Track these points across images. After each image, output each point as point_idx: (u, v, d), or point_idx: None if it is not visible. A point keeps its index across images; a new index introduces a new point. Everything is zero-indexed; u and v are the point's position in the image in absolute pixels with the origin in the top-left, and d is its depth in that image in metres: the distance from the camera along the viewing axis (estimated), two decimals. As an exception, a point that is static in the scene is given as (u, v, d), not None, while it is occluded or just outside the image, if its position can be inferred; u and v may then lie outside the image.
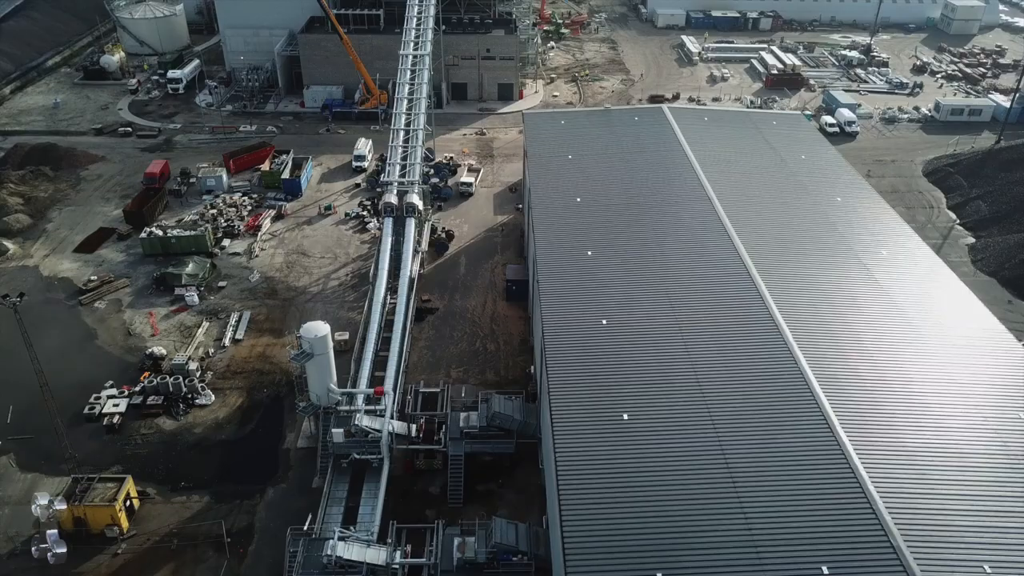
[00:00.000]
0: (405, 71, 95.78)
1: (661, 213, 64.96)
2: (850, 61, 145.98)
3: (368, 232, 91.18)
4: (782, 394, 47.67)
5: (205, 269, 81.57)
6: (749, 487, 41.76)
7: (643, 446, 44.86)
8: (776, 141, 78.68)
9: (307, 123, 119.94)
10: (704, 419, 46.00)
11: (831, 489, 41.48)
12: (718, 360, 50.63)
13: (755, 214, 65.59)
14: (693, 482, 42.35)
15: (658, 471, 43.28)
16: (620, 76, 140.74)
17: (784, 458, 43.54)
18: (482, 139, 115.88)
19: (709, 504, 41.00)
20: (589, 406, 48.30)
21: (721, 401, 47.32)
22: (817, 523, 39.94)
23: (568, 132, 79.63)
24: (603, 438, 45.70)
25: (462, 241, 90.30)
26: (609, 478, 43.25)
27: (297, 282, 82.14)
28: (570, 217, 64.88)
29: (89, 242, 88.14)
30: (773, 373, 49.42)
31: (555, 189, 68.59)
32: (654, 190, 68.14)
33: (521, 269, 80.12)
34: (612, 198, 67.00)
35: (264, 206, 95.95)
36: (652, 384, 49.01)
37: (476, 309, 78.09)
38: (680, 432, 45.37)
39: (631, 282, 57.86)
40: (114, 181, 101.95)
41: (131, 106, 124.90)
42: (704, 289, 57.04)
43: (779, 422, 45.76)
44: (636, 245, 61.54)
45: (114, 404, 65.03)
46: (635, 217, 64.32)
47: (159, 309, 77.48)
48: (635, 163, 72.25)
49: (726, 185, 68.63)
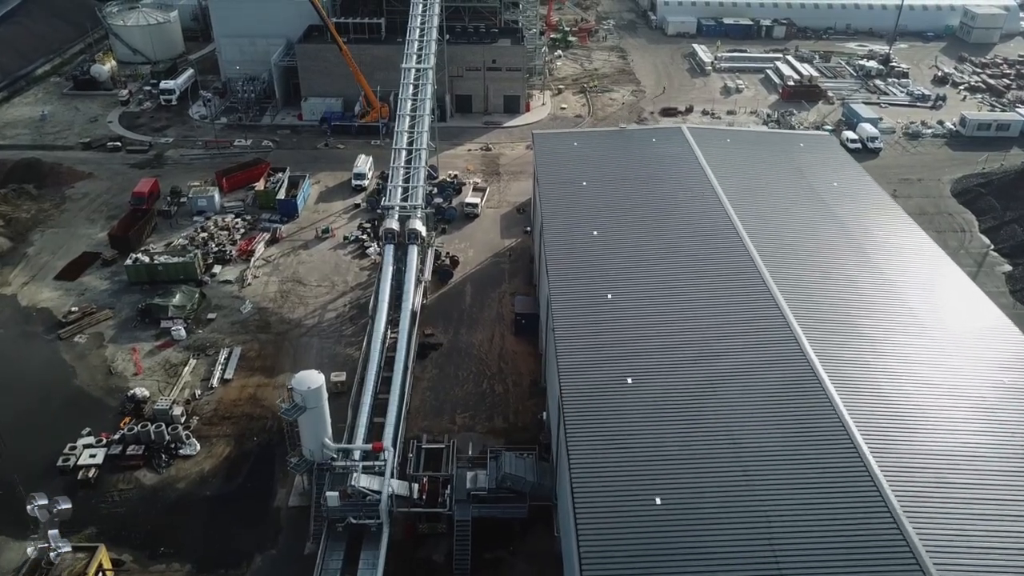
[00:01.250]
0: (407, 85, 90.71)
1: (685, 249, 59.76)
2: (868, 71, 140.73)
3: (368, 257, 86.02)
4: (830, 462, 42.70)
5: (193, 300, 76.44)
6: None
7: (681, 524, 39.75)
8: (806, 167, 73.48)
9: (305, 137, 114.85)
10: (751, 498, 40.90)
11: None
12: (755, 413, 45.74)
13: (789, 252, 60.32)
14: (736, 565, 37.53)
15: (696, 553, 38.23)
16: (630, 87, 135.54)
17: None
18: (487, 155, 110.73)
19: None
20: (614, 472, 43.16)
21: (764, 471, 42.26)
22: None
23: (581, 155, 74.48)
24: (632, 513, 40.51)
25: (467, 267, 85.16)
26: (639, 560, 38.19)
27: (292, 314, 76.98)
28: (587, 253, 59.68)
29: (72, 268, 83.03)
30: (817, 434, 44.47)
31: (569, 221, 63.42)
32: (677, 223, 62.95)
33: (530, 301, 74.94)
34: (632, 232, 61.79)
35: (258, 228, 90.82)
36: (687, 448, 43.91)
37: (483, 344, 72.93)
38: (722, 515, 40.14)
39: (656, 328, 52.69)
40: (101, 200, 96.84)
41: (122, 118, 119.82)
42: (738, 336, 51.89)
43: (828, 491, 41.07)
44: (660, 286, 56.36)
45: (90, 455, 59.88)
46: (657, 254, 59.13)
47: (143, 344, 72.35)
48: (655, 192, 67.04)
49: (755, 219, 63.40)
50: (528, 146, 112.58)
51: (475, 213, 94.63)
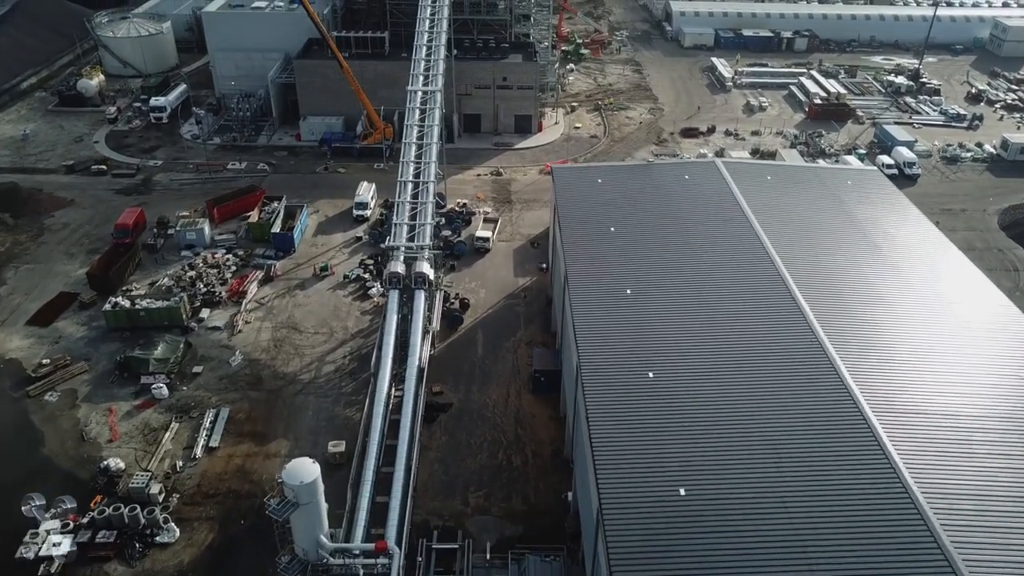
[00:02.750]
0: (414, 110, 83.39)
1: (731, 313, 52.53)
2: (898, 88, 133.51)
3: (370, 299, 78.86)
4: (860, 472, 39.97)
5: (177, 351, 69.25)
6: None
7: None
8: (857, 209, 66.19)
9: (303, 159, 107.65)
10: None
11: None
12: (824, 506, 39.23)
13: (851, 315, 53.16)
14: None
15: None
16: (647, 104, 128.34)
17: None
18: (498, 181, 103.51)
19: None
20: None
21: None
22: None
23: (606, 195, 67.23)
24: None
25: (479, 310, 77.97)
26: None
27: (286, 367, 69.77)
28: (621, 317, 52.45)
29: (46, 312, 75.84)
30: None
31: (599, 277, 56.15)
32: (719, 279, 55.62)
33: (549, 355, 67.69)
34: (669, 292, 54.56)
35: (251, 265, 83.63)
36: (751, 549, 37.15)
37: (497, 405, 65.70)
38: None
39: (704, 412, 45.51)
40: (82, 232, 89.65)
41: (108, 138, 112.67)
42: (797, 414, 44.96)
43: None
44: (703, 356, 49.17)
45: (54, 543, 52.61)
46: (699, 318, 51.89)
47: (121, 404, 65.14)
48: (692, 241, 59.70)
49: (809, 275, 56.17)
50: (542, 170, 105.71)
51: (486, 248, 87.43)
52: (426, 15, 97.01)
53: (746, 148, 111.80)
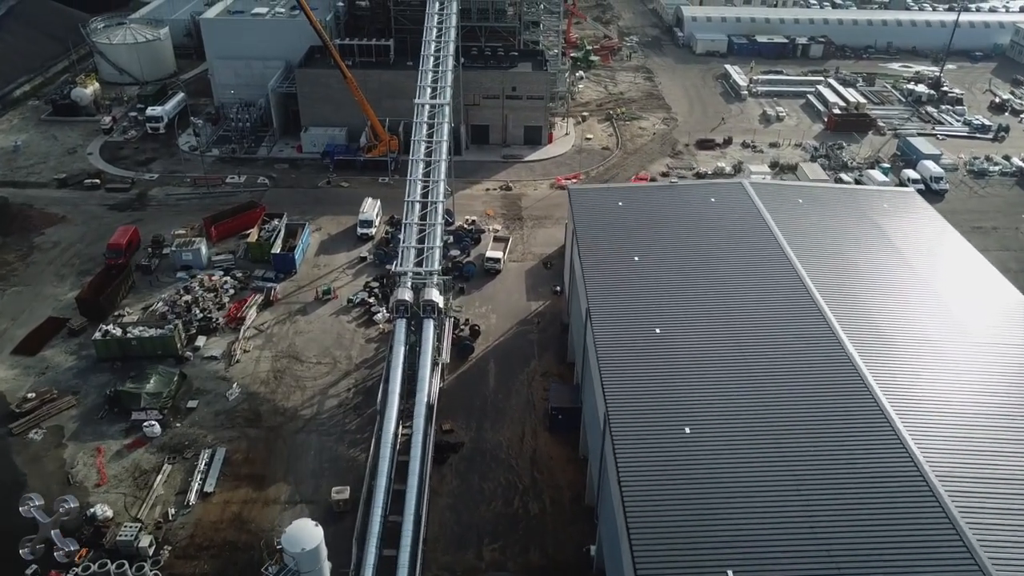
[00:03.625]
0: (421, 125, 79.14)
1: (771, 355, 48.43)
2: (918, 97, 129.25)
3: (375, 325, 74.75)
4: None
5: (171, 384, 65.12)
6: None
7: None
8: (896, 234, 62.07)
9: (304, 173, 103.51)
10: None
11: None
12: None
13: (894, 349, 49.18)
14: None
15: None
16: (660, 113, 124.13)
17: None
18: (508, 196, 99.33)
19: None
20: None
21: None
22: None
23: (628, 219, 63.06)
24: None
25: (490, 338, 73.84)
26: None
27: (286, 400, 65.66)
28: (650, 360, 48.35)
29: (33, 339, 71.73)
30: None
31: (624, 314, 51.99)
32: (757, 319, 51.36)
33: (567, 391, 63.55)
34: (702, 330, 50.44)
35: (250, 287, 79.54)
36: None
37: (512, 445, 61.56)
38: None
39: (747, 466, 41.49)
40: (73, 251, 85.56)
41: (103, 149, 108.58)
42: (848, 466, 41.03)
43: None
44: (743, 404, 45.07)
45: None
46: (738, 365, 47.72)
47: (110, 443, 61.05)
48: (723, 273, 55.46)
49: (848, 309, 52.12)
50: (553, 185, 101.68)
51: (497, 269, 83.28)
52: (433, 23, 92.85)
53: (764, 161, 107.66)
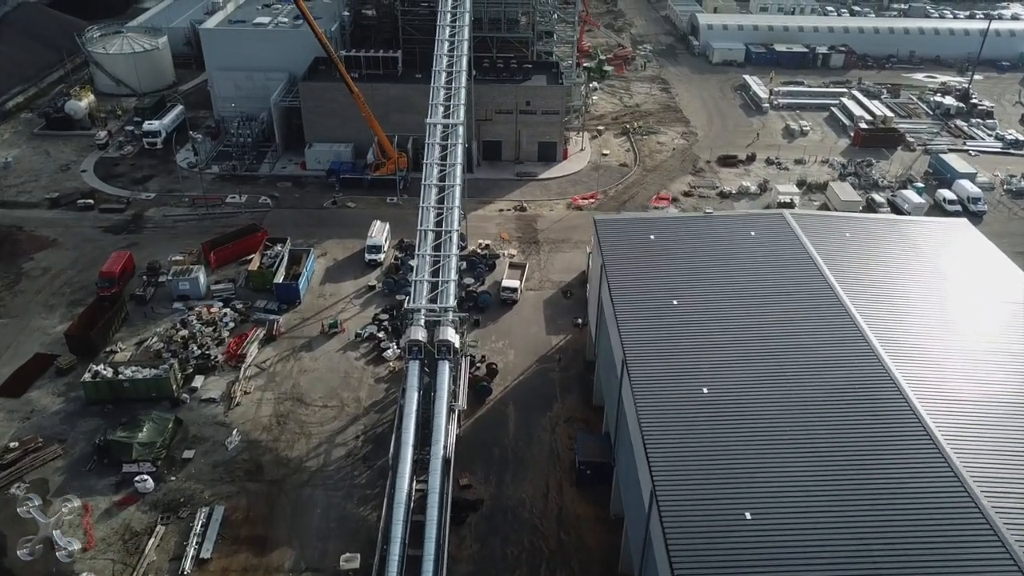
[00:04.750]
0: (433, 146, 73.87)
1: (834, 417, 43.42)
2: (947, 110, 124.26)
3: (385, 363, 69.80)
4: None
5: (165, 432, 60.13)
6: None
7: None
8: (954, 273, 57.07)
9: (309, 191, 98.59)
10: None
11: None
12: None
13: (965, 409, 44.27)
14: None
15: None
16: (679, 127, 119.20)
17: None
18: (523, 217, 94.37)
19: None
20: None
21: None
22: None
23: (662, 255, 58.01)
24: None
25: (508, 377, 68.87)
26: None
27: (290, 450, 60.67)
28: (699, 424, 43.25)
29: (19, 379, 66.79)
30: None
31: (667, 369, 46.90)
32: (816, 375, 46.28)
33: (595, 443, 58.48)
34: (753, 387, 45.38)
35: (251, 319, 74.65)
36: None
37: (535, 502, 56.55)
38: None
39: (818, 550, 36.56)
40: (64, 278, 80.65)
41: (98, 166, 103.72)
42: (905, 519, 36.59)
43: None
44: (810, 482, 40.10)
45: None
46: (799, 433, 42.65)
47: (98, 499, 56.04)
48: (771, 321, 50.24)
49: (912, 362, 47.16)
50: (570, 205, 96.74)
51: (514, 299, 78.33)
52: (445, 35, 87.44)
53: (791, 179, 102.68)
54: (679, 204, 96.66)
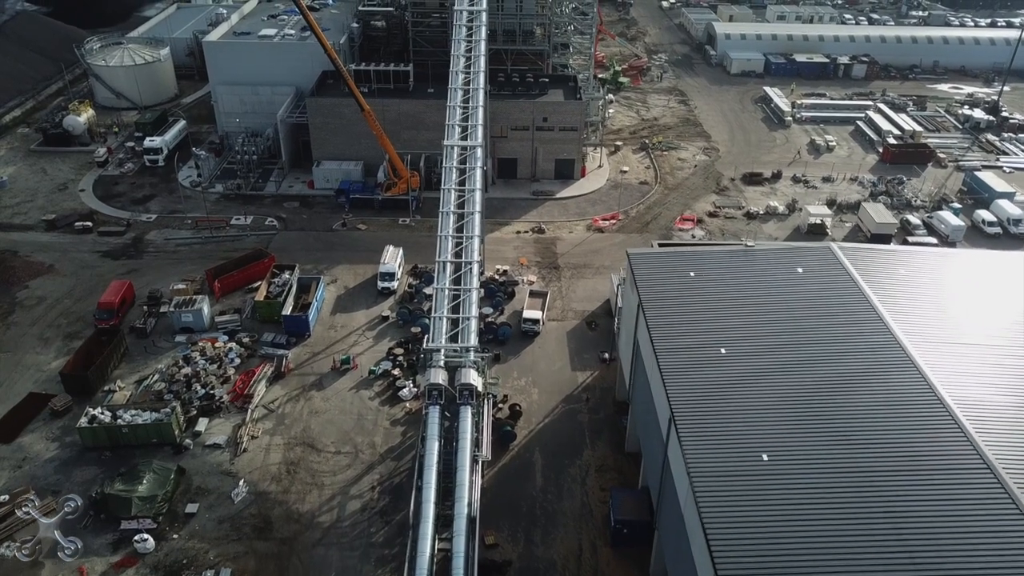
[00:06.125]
0: (451, 170, 69.56)
1: (906, 486, 39.14)
2: (976, 123, 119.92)
3: (401, 402, 65.54)
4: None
5: (167, 484, 55.80)
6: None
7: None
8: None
9: (317, 212, 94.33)
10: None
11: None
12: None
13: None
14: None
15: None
16: (700, 142, 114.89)
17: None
18: (541, 240, 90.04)
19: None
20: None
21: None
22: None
23: (704, 294, 53.68)
24: None
25: (532, 419, 64.56)
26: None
27: (302, 503, 56.30)
28: (760, 490, 38.97)
29: (10, 422, 62.52)
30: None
31: (721, 431, 42.46)
32: (884, 437, 42.02)
33: (632, 499, 54.06)
34: (816, 451, 41.10)
35: (258, 354, 70.39)
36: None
37: (568, 565, 52.15)
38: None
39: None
40: (60, 308, 76.43)
41: (97, 185, 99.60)
42: None
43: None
44: (883, 547, 35.86)
45: None
46: (869, 499, 38.40)
47: (95, 560, 51.74)
48: (832, 374, 45.86)
49: (991, 416, 42.85)
50: (589, 226, 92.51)
51: (535, 331, 74.03)
52: (461, 51, 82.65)
53: (819, 198, 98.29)
54: (705, 226, 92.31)
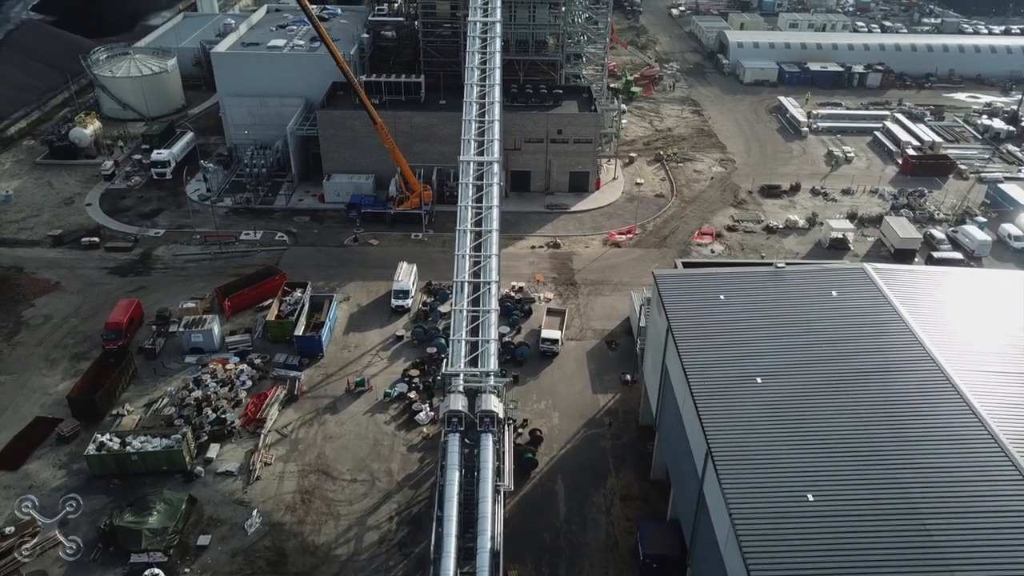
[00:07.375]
0: (468, 186, 67.83)
1: (961, 529, 37.16)
2: (996, 133, 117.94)
3: (418, 427, 63.59)
4: None
5: (178, 515, 53.85)
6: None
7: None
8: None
9: (328, 227, 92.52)
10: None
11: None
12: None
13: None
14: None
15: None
16: (715, 153, 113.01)
17: None
18: (557, 255, 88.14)
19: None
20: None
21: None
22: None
23: (735, 318, 51.71)
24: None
25: (554, 445, 62.55)
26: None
27: (317, 534, 54.32)
28: (805, 533, 37.04)
29: (16, 448, 60.60)
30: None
31: (761, 466, 40.46)
32: (931, 475, 39.96)
33: (661, 532, 52.05)
34: (863, 488, 39.09)
35: (270, 376, 68.54)
36: None
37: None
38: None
39: None
40: (67, 327, 74.65)
41: (103, 198, 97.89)
42: None
43: None
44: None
45: None
46: (922, 545, 36.42)
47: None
48: (874, 405, 43.83)
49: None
50: (606, 240, 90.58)
51: (554, 351, 72.09)
52: (475, 63, 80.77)
53: (840, 211, 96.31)
54: (724, 240, 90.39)
